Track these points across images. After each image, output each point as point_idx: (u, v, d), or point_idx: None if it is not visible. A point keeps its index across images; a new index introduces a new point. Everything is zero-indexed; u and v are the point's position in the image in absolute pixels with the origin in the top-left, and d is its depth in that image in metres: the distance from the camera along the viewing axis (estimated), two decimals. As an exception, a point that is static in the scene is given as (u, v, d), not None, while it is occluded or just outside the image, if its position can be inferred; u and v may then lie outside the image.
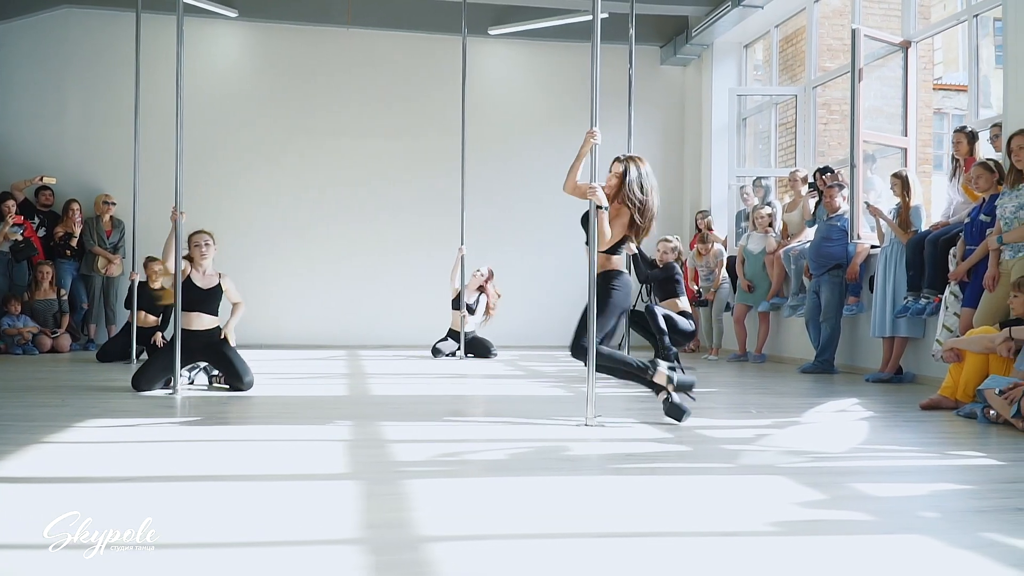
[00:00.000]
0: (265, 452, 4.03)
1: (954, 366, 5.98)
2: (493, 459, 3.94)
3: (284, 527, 2.72)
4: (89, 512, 2.73)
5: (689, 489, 3.41)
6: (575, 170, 5.29)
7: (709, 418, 5.49)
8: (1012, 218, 6.21)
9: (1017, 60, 6.71)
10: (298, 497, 3.10)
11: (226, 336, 6.69)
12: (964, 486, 3.48)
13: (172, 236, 6.47)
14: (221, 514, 2.87)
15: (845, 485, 3.43)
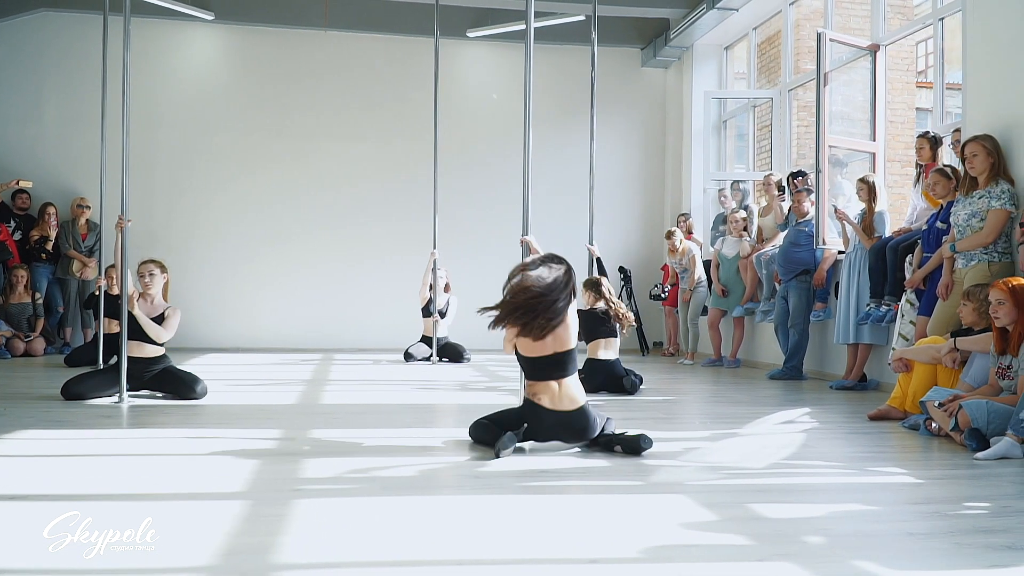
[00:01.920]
0: (168, 467, 3.99)
1: (903, 376, 5.90)
2: (401, 476, 3.89)
3: (135, 554, 2.66)
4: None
5: (581, 510, 3.36)
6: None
7: (651, 429, 5.43)
8: (965, 226, 6.13)
9: (976, 66, 6.63)
10: (171, 519, 3.05)
11: (166, 368, 6.54)
12: (867, 507, 3.41)
13: (118, 245, 6.43)
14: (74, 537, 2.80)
15: (743, 506, 3.37)
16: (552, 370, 4.47)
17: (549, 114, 12.31)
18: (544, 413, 4.45)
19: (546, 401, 4.46)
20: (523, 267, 4.51)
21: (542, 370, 4.48)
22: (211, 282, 12.00)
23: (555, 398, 4.47)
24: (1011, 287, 4.95)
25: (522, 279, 4.42)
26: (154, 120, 11.84)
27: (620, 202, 12.88)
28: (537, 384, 4.50)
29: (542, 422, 4.46)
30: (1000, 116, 6.32)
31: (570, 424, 4.48)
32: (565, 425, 4.47)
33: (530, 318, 4.37)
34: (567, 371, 4.51)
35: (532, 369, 4.52)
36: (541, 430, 4.49)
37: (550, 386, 4.47)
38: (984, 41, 6.55)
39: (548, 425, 4.47)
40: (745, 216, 10.20)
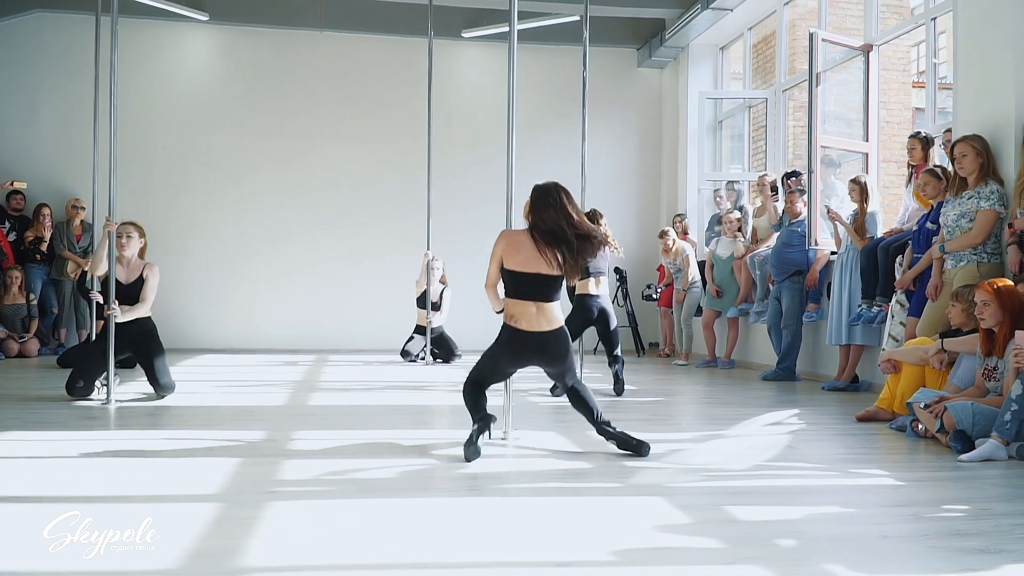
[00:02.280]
0: (145, 469, 3.97)
1: (891, 377, 5.88)
2: (379, 478, 3.87)
3: (102, 558, 2.65)
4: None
5: (556, 513, 3.33)
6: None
7: (637, 430, 5.40)
8: (954, 226, 6.10)
9: (967, 66, 6.60)
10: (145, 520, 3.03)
11: (150, 331, 6.57)
12: (844, 509, 3.39)
13: (104, 245, 6.42)
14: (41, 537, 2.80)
15: (718, 508, 3.36)
16: (535, 291, 4.49)
17: (544, 114, 12.31)
18: (523, 336, 4.49)
19: (523, 324, 4.49)
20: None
21: (525, 288, 4.49)
22: (207, 283, 11.99)
23: (532, 320, 4.50)
24: (996, 288, 4.93)
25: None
26: (149, 121, 11.84)
27: (616, 203, 12.84)
28: (516, 305, 4.51)
29: (523, 346, 4.52)
30: (990, 116, 6.29)
31: (547, 345, 4.53)
32: (543, 346, 4.53)
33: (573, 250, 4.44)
34: (550, 297, 4.55)
35: (516, 286, 4.52)
36: (522, 354, 4.56)
37: (528, 308, 4.50)
38: (974, 41, 6.52)
39: (528, 348, 4.53)
40: (740, 217, 10.18)
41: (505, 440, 4.83)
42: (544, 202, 4.50)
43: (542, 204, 4.50)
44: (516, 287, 4.52)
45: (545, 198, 4.50)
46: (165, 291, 11.78)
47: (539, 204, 4.51)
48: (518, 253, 4.48)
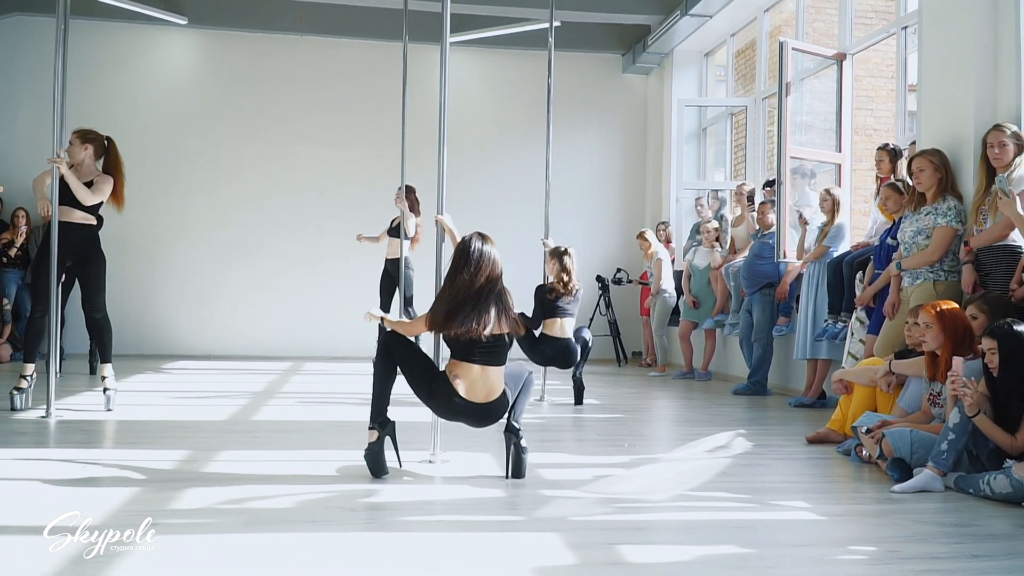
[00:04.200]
0: (37, 493, 3.85)
1: (844, 398, 5.73)
2: (273, 508, 3.73)
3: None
4: None
5: (439, 550, 3.19)
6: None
7: (571, 452, 5.30)
8: (911, 243, 5.94)
9: (930, 80, 6.42)
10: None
11: (92, 240, 6.57)
12: (741, 549, 3.24)
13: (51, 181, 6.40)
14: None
15: (610, 547, 3.21)
16: (481, 354, 4.24)
17: (523, 120, 12.17)
18: (455, 400, 4.22)
19: (462, 388, 4.22)
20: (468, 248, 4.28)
21: (468, 350, 4.23)
22: (186, 287, 11.91)
23: (473, 386, 4.24)
24: (939, 311, 4.77)
25: (481, 260, 4.24)
26: (126, 125, 11.69)
27: (599, 209, 12.72)
28: (460, 365, 4.24)
29: (449, 408, 4.27)
30: (951, 132, 6.12)
31: (478, 415, 4.31)
32: (472, 414, 4.29)
33: (486, 307, 4.19)
34: (498, 360, 4.30)
35: (458, 347, 4.25)
36: (447, 414, 4.34)
37: (471, 370, 4.24)
38: (938, 56, 6.35)
39: (454, 411, 4.28)
40: (717, 226, 10.02)
41: (432, 462, 4.70)
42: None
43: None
44: (459, 350, 4.27)
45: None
46: (143, 295, 11.79)
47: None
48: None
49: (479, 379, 4.25)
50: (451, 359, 4.30)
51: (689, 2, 10.28)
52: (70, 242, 6.41)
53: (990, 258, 5.45)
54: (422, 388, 4.28)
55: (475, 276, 4.21)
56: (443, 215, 5.03)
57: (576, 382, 7.44)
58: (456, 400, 4.22)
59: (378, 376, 4.36)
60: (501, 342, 4.27)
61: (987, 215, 5.59)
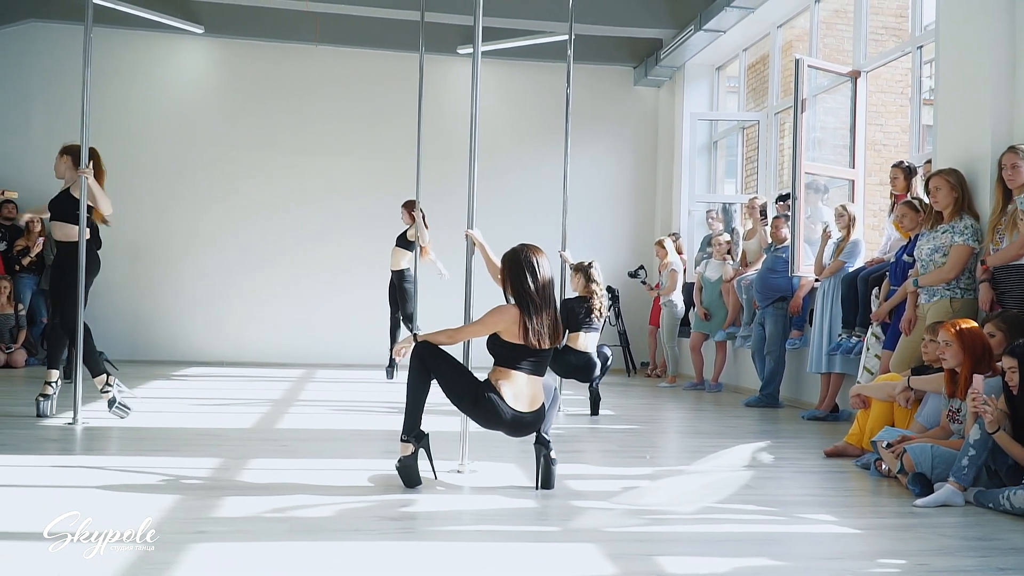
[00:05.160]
0: (80, 502, 3.93)
1: (861, 412, 5.81)
2: (315, 517, 3.82)
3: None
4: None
5: (481, 560, 3.28)
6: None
7: (596, 464, 5.38)
8: (928, 260, 6.03)
9: (949, 97, 6.52)
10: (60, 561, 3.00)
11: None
12: (775, 562, 3.32)
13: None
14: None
15: (648, 558, 3.30)
16: (530, 363, 4.33)
17: (537, 131, 12.28)
18: (503, 409, 4.27)
19: (508, 395, 4.29)
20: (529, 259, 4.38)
21: (518, 359, 4.32)
22: (198, 294, 12.00)
23: (520, 395, 4.32)
24: (958, 330, 4.86)
25: (540, 270, 4.35)
26: (141, 132, 11.87)
27: (610, 221, 12.82)
28: (506, 371, 4.32)
29: (496, 417, 4.30)
30: (967, 151, 6.22)
31: (522, 424, 4.36)
32: (517, 424, 4.35)
33: (548, 317, 4.32)
34: (543, 370, 4.40)
35: (507, 355, 4.33)
36: (491, 423, 4.36)
37: (518, 379, 4.32)
38: (955, 74, 6.45)
39: (499, 420, 4.32)
40: (729, 239, 10.11)
41: (461, 472, 4.78)
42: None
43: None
44: (507, 358, 4.34)
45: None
46: (155, 301, 11.88)
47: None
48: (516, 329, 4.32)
49: (525, 388, 4.34)
50: (497, 367, 4.37)
51: (703, 17, 10.39)
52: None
53: (1007, 277, 5.54)
54: (466, 397, 4.32)
55: (538, 286, 4.32)
56: (473, 229, 5.11)
57: (593, 393, 7.54)
58: (504, 408, 4.28)
59: (412, 388, 4.39)
60: (549, 353, 4.37)
61: (1003, 234, 5.68)
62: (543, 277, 4.35)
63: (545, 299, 4.33)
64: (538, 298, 4.31)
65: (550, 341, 4.34)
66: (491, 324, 4.33)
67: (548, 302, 4.34)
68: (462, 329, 4.49)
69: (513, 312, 4.31)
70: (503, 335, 4.31)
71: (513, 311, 4.31)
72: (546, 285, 4.35)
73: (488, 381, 4.34)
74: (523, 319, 4.27)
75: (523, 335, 4.27)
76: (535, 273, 4.33)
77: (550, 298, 4.36)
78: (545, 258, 4.42)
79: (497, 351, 4.36)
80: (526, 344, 4.28)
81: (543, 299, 4.32)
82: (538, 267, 4.35)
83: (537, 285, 4.32)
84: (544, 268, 4.36)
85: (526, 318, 4.27)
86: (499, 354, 4.36)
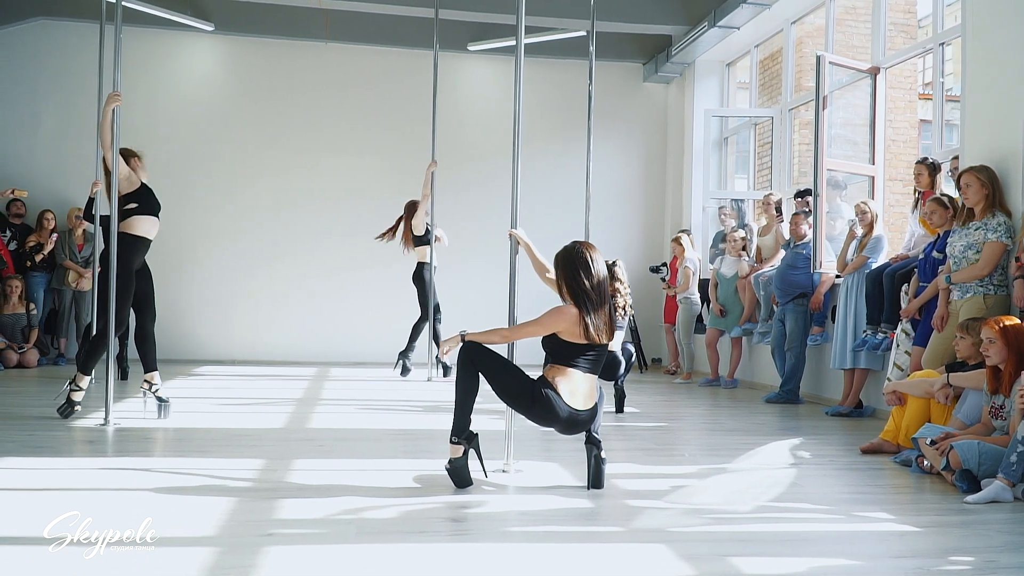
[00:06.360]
0: (139, 505, 3.91)
1: (896, 409, 5.83)
2: (381, 519, 3.81)
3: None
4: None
5: (559, 561, 3.28)
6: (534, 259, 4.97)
7: (638, 462, 5.38)
8: (961, 257, 6.05)
9: (975, 94, 6.55)
10: (133, 567, 2.98)
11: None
12: (851, 561, 3.33)
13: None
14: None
15: (723, 559, 3.30)
16: (586, 361, 4.34)
17: (549, 128, 12.28)
18: (560, 406, 4.27)
19: (565, 392, 4.29)
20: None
21: (575, 356, 4.32)
22: (210, 294, 11.96)
23: (575, 392, 4.32)
24: (1002, 327, 4.88)
25: (597, 268, 4.37)
26: (152, 131, 11.77)
27: (619, 218, 12.81)
28: (562, 369, 4.33)
29: (553, 415, 4.30)
30: (998, 147, 6.24)
31: (577, 422, 4.37)
32: (573, 422, 4.36)
33: (606, 314, 4.35)
34: (597, 368, 4.42)
35: (565, 353, 4.34)
36: (547, 420, 4.36)
37: (574, 375, 4.33)
38: (982, 71, 6.47)
39: (555, 418, 4.31)
40: (745, 236, 10.12)
41: (506, 471, 4.78)
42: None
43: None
44: (565, 356, 4.36)
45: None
46: (166, 300, 11.80)
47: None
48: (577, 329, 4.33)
49: (581, 385, 4.34)
50: (553, 364, 4.36)
51: (717, 14, 10.39)
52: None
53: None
54: (521, 395, 4.31)
55: (593, 283, 4.33)
56: (517, 229, 5.11)
57: (618, 391, 7.55)
58: (561, 406, 4.28)
59: (461, 389, 4.38)
60: (605, 350, 4.37)
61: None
62: (598, 273, 4.35)
63: (601, 295, 4.33)
64: (595, 295, 4.31)
65: (607, 337, 4.35)
66: (550, 325, 4.32)
67: (604, 299, 4.35)
68: (518, 329, 4.47)
69: (573, 313, 4.30)
70: (562, 335, 4.31)
71: (573, 312, 4.31)
72: (601, 281, 4.35)
73: (544, 378, 4.34)
74: (583, 318, 4.27)
75: (584, 333, 4.27)
76: (590, 270, 4.34)
77: (605, 294, 4.36)
78: (599, 254, 4.42)
79: (554, 349, 4.37)
80: (587, 342, 4.28)
81: (599, 296, 4.33)
82: (593, 264, 4.35)
83: (593, 282, 4.33)
84: (599, 264, 4.36)
85: (585, 316, 4.27)
86: (556, 352, 4.36)
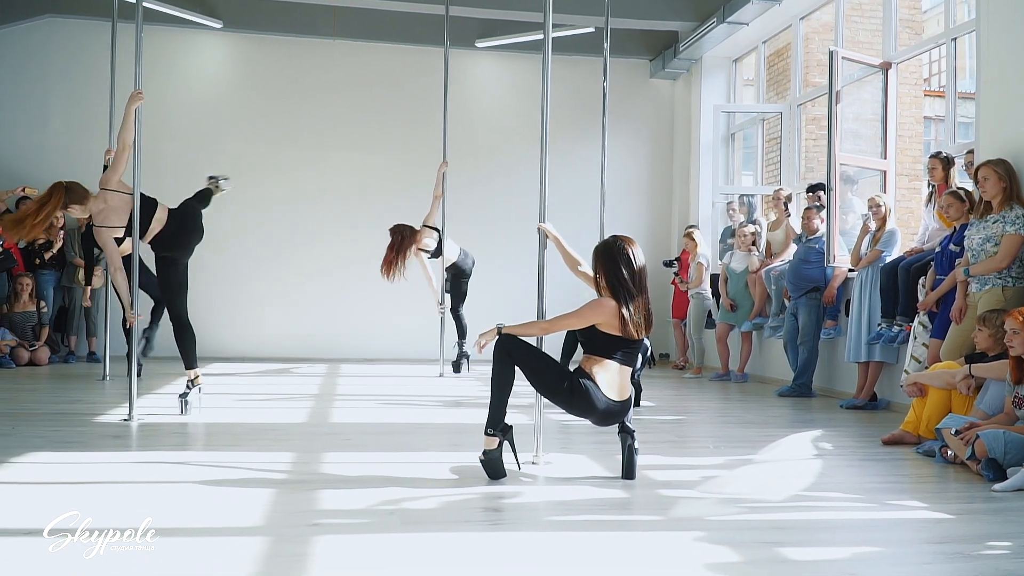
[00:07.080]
0: (181, 497, 3.94)
1: (917, 400, 5.88)
2: (422, 508, 3.84)
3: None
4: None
5: (602, 548, 3.32)
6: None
7: (664, 454, 5.42)
8: (979, 250, 6.10)
9: (990, 87, 6.60)
10: (191, 556, 3.02)
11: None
12: (890, 548, 3.38)
13: None
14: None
15: (766, 546, 3.34)
16: (623, 353, 4.37)
17: (556, 125, 12.21)
18: (598, 397, 4.30)
19: (602, 383, 4.32)
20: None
21: (613, 348, 4.35)
22: (219, 291, 11.96)
23: (611, 384, 4.35)
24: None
25: (637, 261, 4.41)
26: (161, 128, 11.79)
27: (626, 214, 12.83)
28: (600, 360, 4.36)
29: (590, 406, 4.31)
30: (1013, 139, 6.28)
31: (613, 413, 4.40)
32: (610, 413, 4.38)
33: (646, 307, 4.40)
34: (633, 360, 4.45)
35: (602, 344, 4.36)
36: (584, 411, 4.37)
37: (610, 367, 4.35)
38: (997, 63, 6.52)
39: (592, 409, 4.33)
40: (755, 231, 10.17)
41: (536, 463, 4.81)
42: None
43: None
44: (603, 348, 4.39)
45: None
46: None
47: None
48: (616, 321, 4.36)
49: (617, 377, 4.38)
50: (589, 355, 4.41)
51: (726, 10, 10.43)
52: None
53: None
54: (559, 387, 4.34)
55: (632, 276, 4.37)
56: (545, 223, 5.14)
57: (635, 384, 7.56)
58: (599, 396, 4.32)
59: (497, 381, 4.41)
60: (641, 343, 4.41)
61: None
62: (637, 267, 4.39)
63: (640, 288, 4.37)
64: (634, 288, 4.35)
65: (644, 331, 4.39)
66: (589, 318, 4.36)
67: (642, 292, 4.39)
68: (556, 321, 4.49)
69: (612, 306, 4.34)
70: (601, 327, 4.35)
71: (612, 305, 4.34)
72: (640, 274, 4.39)
73: (580, 369, 4.38)
74: (621, 311, 4.31)
75: (621, 327, 4.31)
76: (630, 263, 4.38)
77: (644, 287, 4.40)
78: (638, 247, 4.46)
79: (592, 340, 4.40)
80: (624, 335, 4.32)
81: (638, 289, 4.37)
82: (633, 257, 4.39)
83: (632, 275, 4.37)
84: (638, 257, 4.40)
85: (624, 309, 4.31)
86: (593, 343, 4.40)
